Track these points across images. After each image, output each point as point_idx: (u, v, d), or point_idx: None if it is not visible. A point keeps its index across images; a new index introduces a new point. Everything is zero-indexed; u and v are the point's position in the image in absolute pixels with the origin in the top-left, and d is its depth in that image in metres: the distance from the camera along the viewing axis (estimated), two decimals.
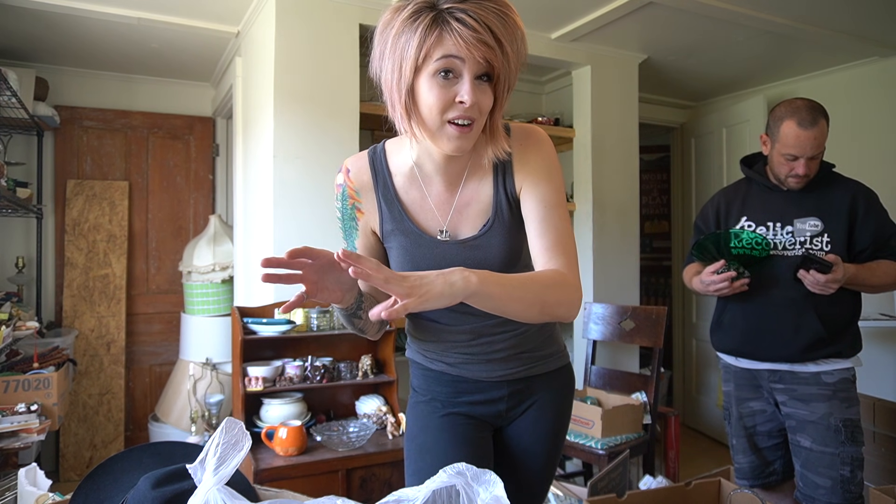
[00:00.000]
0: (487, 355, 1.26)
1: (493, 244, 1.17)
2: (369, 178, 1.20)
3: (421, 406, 1.33)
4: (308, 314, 2.52)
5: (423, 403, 1.32)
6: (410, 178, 1.19)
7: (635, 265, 3.54)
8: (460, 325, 1.24)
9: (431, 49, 0.97)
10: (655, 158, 5.24)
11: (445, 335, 1.26)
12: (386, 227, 1.21)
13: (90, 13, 2.75)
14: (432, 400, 1.31)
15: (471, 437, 1.27)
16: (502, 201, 1.18)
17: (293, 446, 2.22)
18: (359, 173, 1.21)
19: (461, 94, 0.99)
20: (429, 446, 1.27)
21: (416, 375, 1.36)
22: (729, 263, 1.90)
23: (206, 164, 3.96)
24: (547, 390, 1.31)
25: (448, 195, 1.19)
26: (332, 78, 2.66)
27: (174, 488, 0.82)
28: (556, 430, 1.33)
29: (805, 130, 1.81)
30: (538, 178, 1.16)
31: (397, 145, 1.21)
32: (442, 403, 1.30)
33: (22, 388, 2.27)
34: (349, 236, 1.25)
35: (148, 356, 3.77)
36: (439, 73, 0.99)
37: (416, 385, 1.36)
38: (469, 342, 1.25)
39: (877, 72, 3.45)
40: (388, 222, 1.20)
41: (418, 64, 0.99)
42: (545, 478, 1.33)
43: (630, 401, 2.72)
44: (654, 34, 3.15)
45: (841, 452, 1.83)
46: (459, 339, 1.26)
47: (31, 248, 3.47)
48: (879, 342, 3.29)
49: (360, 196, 1.21)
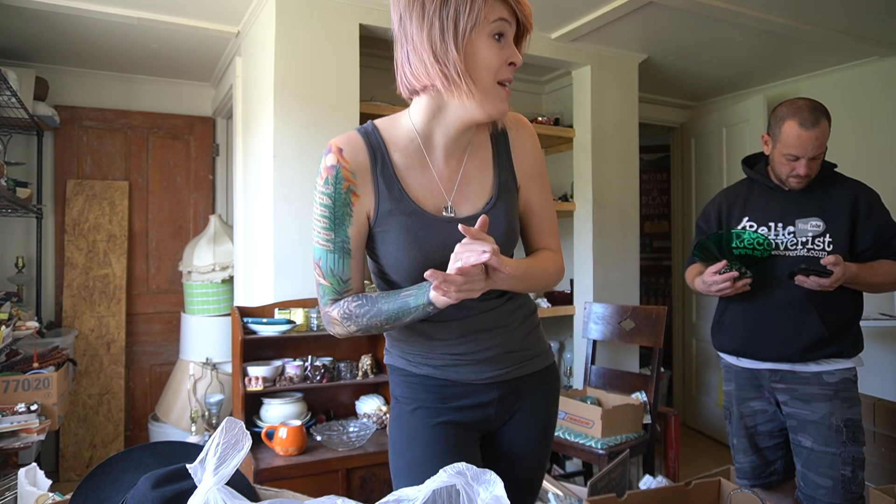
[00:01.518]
0: (475, 355, 1.19)
1: (496, 223, 1.15)
2: (366, 157, 1.12)
3: (406, 416, 1.22)
4: (308, 314, 2.52)
5: (408, 413, 1.22)
6: (412, 153, 1.14)
7: (635, 265, 3.54)
8: (449, 320, 1.17)
9: (489, 11, 1.03)
10: (655, 158, 5.24)
11: (431, 334, 1.19)
12: (383, 208, 1.12)
13: (90, 13, 2.75)
14: (418, 409, 1.21)
15: (462, 446, 1.20)
16: (507, 181, 1.19)
17: (293, 446, 2.22)
18: (354, 153, 1.11)
19: (512, 55, 1.06)
20: (418, 460, 1.17)
21: (398, 383, 1.25)
22: (731, 264, 1.90)
23: (206, 164, 3.96)
24: (535, 391, 1.27)
25: (451, 171, 1.16)
26: (333, 78, 2.66)
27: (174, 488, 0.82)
28: (547, 432, 1.29)
29: (807, 131, 1.81)
30: (538, 165, 1.26)
31: (390, 122, 1.17)
32: (428, 411, 1.21)
33: (22, 388, 2.27)
34: (341, 225, 1.11)
35: (148, 356, 3.77)
36: (494, 34, 1.04)
37: (399, 394, 1.25)
38: (456, 341, 1.19)
39: (876, 71, 3.45)
40: (386, 202, 1.12)
41: (476, 24, 1.02)
42: (537, 480, 1.29)
43: (630, 401, 2.72)
44: (654, 34, 3.15)
45: (842, 452, 1.83)
46: (446, 339, 1.19)
47: (31, 248, 3.47)
48: (880, 342, 3.29)
49: (356, 177, 1.11)
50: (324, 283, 1.14)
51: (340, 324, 1.14)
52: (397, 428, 1.24)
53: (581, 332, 3.25)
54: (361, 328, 1.13)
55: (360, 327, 1.13)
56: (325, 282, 1.14)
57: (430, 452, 1.17)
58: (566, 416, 2.69)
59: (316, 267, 1.14)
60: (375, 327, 1.12)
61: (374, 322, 1.11)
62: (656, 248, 5.26)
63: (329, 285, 1.14)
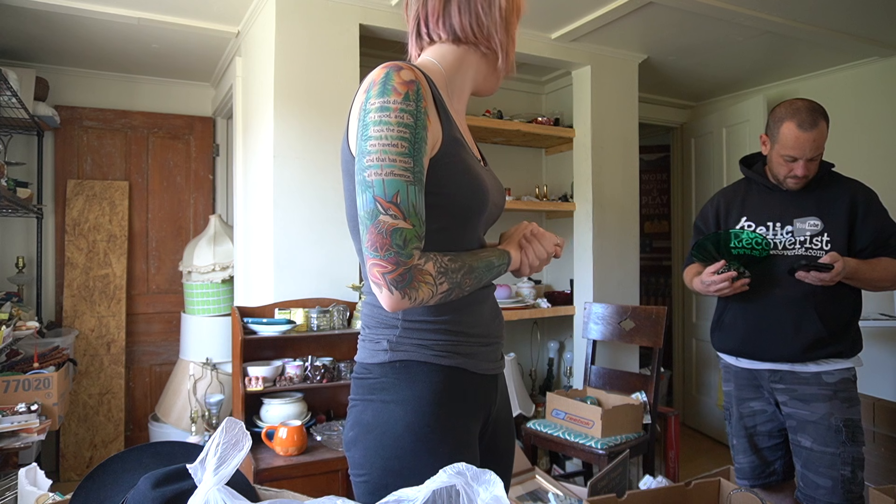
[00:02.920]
0: (493, 345, 1.07)
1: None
2: (424, 78, 0.96)
3: (444, 420, 0.99)
4: (308, 314, 2.52)
5: (448, 418, 1.00)
6: (446, 91, 1.05)
7: (635, 265, 3.54)
8: (483, 301, 1.06)
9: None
10: (655, 158, 5.24)
11: (468, 313, 1.03)
12: (453, 134, 0.98)
13: (90, 13, 2.75)
14: (443, 412, 1.00)
15: (474, 447, 1.06)
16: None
17: (293, 446, 2.22)
18: (419, 72, 0.95)
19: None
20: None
21: (433, 381, 1.00)
22: (729, 263, 1.90)
23: (206, 164, 3.96)
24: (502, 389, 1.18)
25: (462, 118, 1.14)
26: (333, 78, 2.66)
27: (174, 488, 0.82)
28: (513, 429, 1.22)
29: (805, 132, 1.81)
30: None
31: (419, 63, 1.08)
32: (456, 415, 1.01)
33: (22, 387, 2.27)
34: (420, 151, 0.90)
35: (148, 356, 3.77)
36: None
37: (417, 394, 1.00)
38: (483, 327, 1.06)
39: (877, 72, 3.46)
40: (449, 132, 0.98)
41: (520, 9, 1.13)
42: (510, 480, 1.23)
43: (630, 401, 2.72)
44: (654, 34, 3.15)
45: (841, 452, 1.83)
46: (474, 322, 1.04)
47: (32, 248, 3.47)
48: (879, 342, 3.29)
49: (426, 99, 0.93)
50: (404, 226, 0.88)
51: (431, 282, 0.91)
52: (441, 433, 1.00)
53: (581, 332, 3.25)
54: (453, 286, 0.95)
55: (450, 286, 0.94)
56: (407, 224, 0.89)
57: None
58: (566, 416, 2.69)
59: (389, 207, 0.88)
60: (460, 288, 0.96)
61: (464, 280, 0.95)
62: (656, 248, 5.26)
63: (412, 228, 0.89)
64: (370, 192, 0.88)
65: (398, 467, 0.97)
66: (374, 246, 0.88)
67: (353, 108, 0.96)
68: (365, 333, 1.06)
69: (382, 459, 0.98)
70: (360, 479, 1.01)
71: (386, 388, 1.00)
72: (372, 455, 0.99)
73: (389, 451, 0.98)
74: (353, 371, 1.07)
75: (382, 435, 0.98)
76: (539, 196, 3.57)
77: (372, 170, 0.88)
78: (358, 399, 1.04)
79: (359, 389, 1.04)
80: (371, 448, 0.99)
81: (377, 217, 0.88)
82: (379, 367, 1.01)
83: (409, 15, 1.11)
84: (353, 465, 1.03)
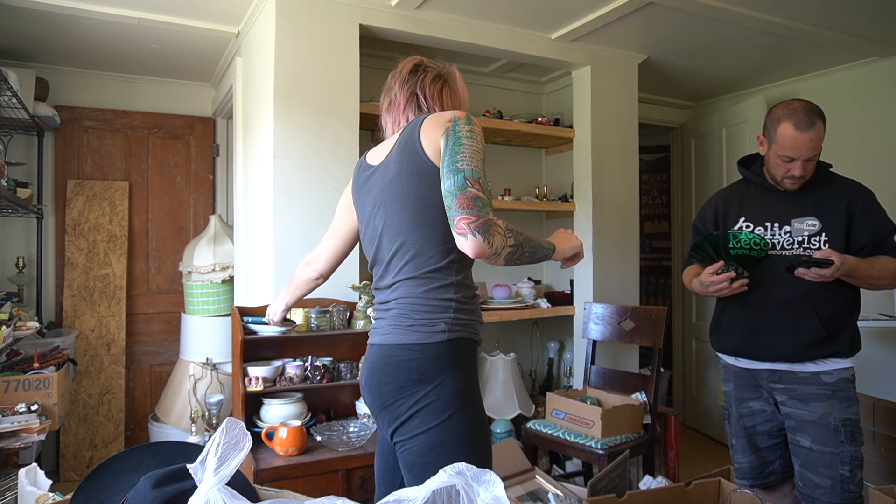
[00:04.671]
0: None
1: None
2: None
3: (479, 402, 1.37)
4: (308, 314, 2.52)
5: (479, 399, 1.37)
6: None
7: (635, 265, 3.54)
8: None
9: None
10: (655, 158, 5.24)
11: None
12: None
13: (90, 13, 2.75)
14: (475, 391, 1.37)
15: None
16: None
17: (293, 446, 2.22)
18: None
19: None
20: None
21: (471, 360, 1.37)
22: (728, 264, 1.91)
23: (206, 164, 3.96)
24: None
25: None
26: (332, 78, 2.66)
27: (174, 488, 0.82)
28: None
29: (802, 133, 1.81)
30: None
31: None
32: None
33: (22, 388, 2.27)
34: (484, 163, 1.31)
35: (148, 356, 3.77)
36: None
37: (465, 376, 1.35)
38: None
39: (877, 72, 3.46)
40: None
41: None
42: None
43: (630, 401, 2.72)
44: (654, 34, 3.15)
45: (840, 452, 1.83)
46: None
47: (32, 248, 3.47)
48: (879, 342, 3.29)
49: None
50: (483, 196, 1.25)
51: (503, 234, 1.24)
52: (478, 406, 1.36)
53: (581, 332, 3.25)
54: (518, 244, 1.26)
55: (516, 243, 1.26)
56: (484, 196, 1.25)
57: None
58: (566, 417, 2.69)
59: (474, 184, 1.24)
60: (521, 249, 1.27)
61: (525, 245, 1.28)
62: (656, 248, 5.26)
63: (487, 198, 1.25)
64: (461, 174, 1.24)
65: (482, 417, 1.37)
66: (461, 206, 1.22)
67: (428, 130, 1.32)
68: (413, 319, 1.32)
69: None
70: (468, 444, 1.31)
71: (451, 357, 1.32)
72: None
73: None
74: (395, 354, 1.32)
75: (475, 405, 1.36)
76: (539, 196, 3.57)
77: (464, 162, 1.25)
78: (432, 375, 1.31)
79: (431, 364, 1.31)
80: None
81: (466, 188, 1.23)
82: (434, 347, 1.30)
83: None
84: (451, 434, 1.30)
